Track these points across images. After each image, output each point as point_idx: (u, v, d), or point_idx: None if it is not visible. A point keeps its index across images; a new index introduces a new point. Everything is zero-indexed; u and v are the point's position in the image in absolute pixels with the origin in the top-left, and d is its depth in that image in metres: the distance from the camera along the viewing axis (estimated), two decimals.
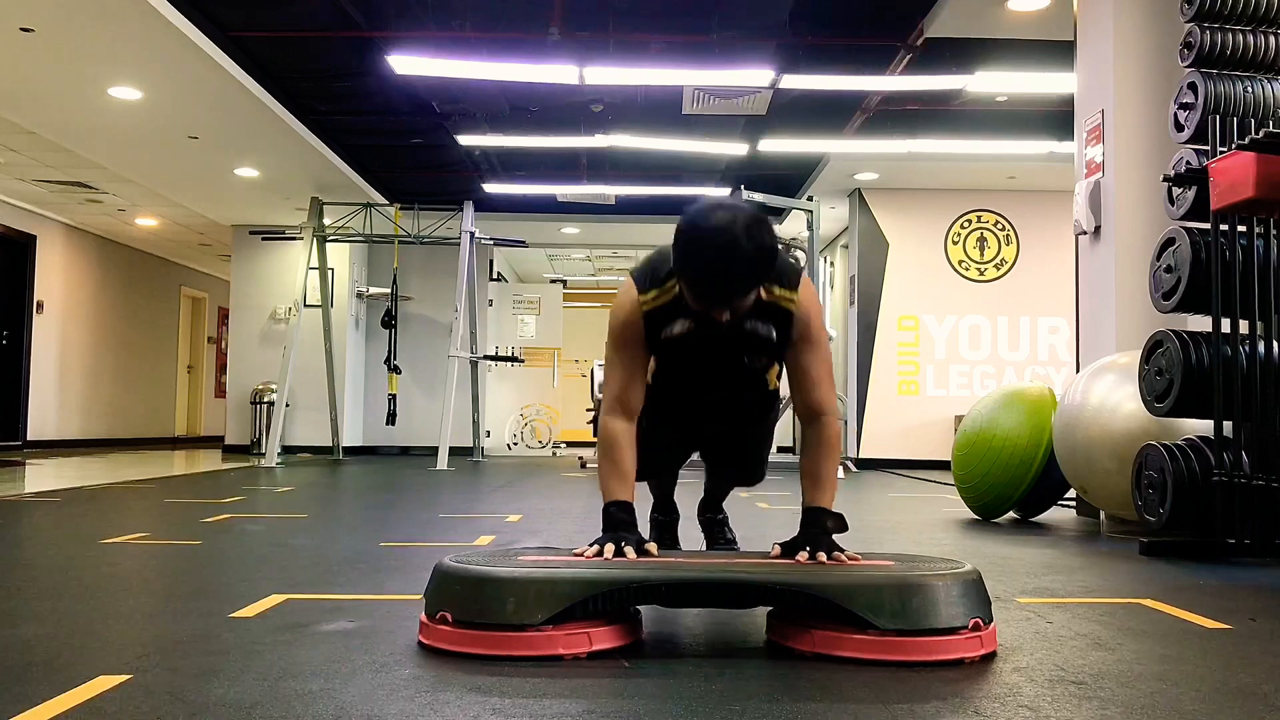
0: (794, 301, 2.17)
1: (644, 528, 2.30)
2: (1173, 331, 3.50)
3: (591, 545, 2.09)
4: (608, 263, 15.30)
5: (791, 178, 9.95)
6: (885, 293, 9.87)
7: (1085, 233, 4.94)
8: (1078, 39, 5.18)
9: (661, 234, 13.15)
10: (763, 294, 2.14)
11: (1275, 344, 3.37)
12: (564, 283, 15.41)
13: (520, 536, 3.81)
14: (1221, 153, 3.38)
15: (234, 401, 11.24)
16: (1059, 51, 6.00)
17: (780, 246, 2.16)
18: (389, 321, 10.63)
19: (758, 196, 8.86)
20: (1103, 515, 4.58)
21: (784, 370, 2.32)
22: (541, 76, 6.65)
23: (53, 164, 9.12)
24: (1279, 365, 3.36)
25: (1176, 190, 3.64)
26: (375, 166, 9.83)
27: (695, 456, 2.72)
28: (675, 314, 2.16)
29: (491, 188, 10.27)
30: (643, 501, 2.30)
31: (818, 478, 2.19)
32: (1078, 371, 4.80)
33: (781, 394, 2.46)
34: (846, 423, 9.97)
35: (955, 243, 9.92)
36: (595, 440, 2.54)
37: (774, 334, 2.19)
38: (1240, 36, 3.49)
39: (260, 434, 10.83)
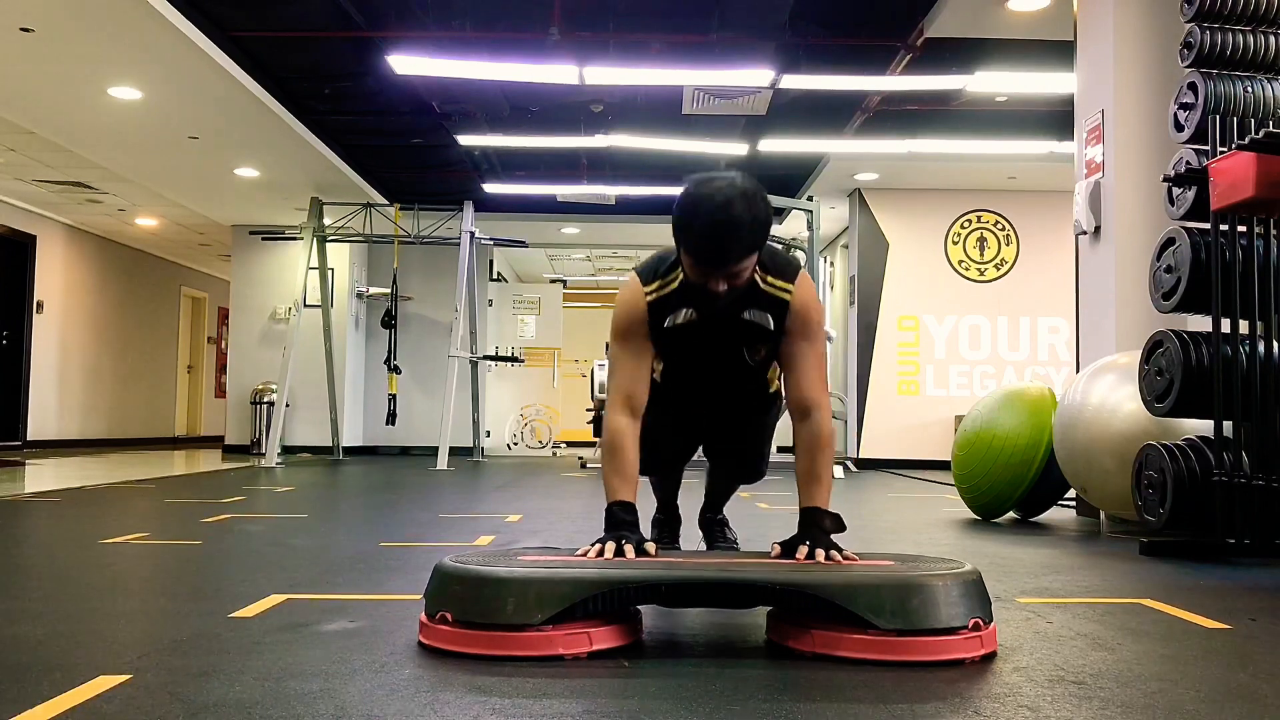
0: (790, 292, 2.22)
1: (646, 528, 2.30)
2: (1173, 331, 3.49)
3: (592, 545, 2.09)
4: (608, 263, 15.30)
5: (791, 178, 9.95)
6: (885, 293, 9.87)
7: (1085, 233, 4.94)
8: (1078, 39, 5.18)
9: (662, 234, 13.11)
10: (760, 284, 2.20)
11: (1275, 344, 3.37)
12: (564, 283, 15.40)
13: (520, 536, 3.81)
14: (1221, 153, 3.38)
15: (234, 401, 11.24)
16: (1059, 51, 6.00)
17: (781, 245, 2.19)
18: (389, 321, 10.63)
19: None
20: (1103, 515, 4.58)
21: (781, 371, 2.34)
22: (541, 76, 6.65)
23: (53, 164, 9.12)
24: (1279, 365, 3.36)
25: (1176, 190, 3.64)
26: (375, 166, 9.83)
27: (697, 455, 2.73)
28: (678, 305, 2.23)
29: (491, 188, 10.26)
30: (646, 502, 2.30)
31: (814, 477, 2.20)
32: (1078, 371, 4.80)
33: (781, 395, 2.47)
34: (846, 423, 9.97)
35: (955, 243, 9.92)
36: (595, 440, 2.55)
37: (770, 323, 2.23)
38: (1240, 36, 3.49)
39: (260, 434, 10.83)
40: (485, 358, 10.85)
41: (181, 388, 15.08)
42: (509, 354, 12.11)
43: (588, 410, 9.57)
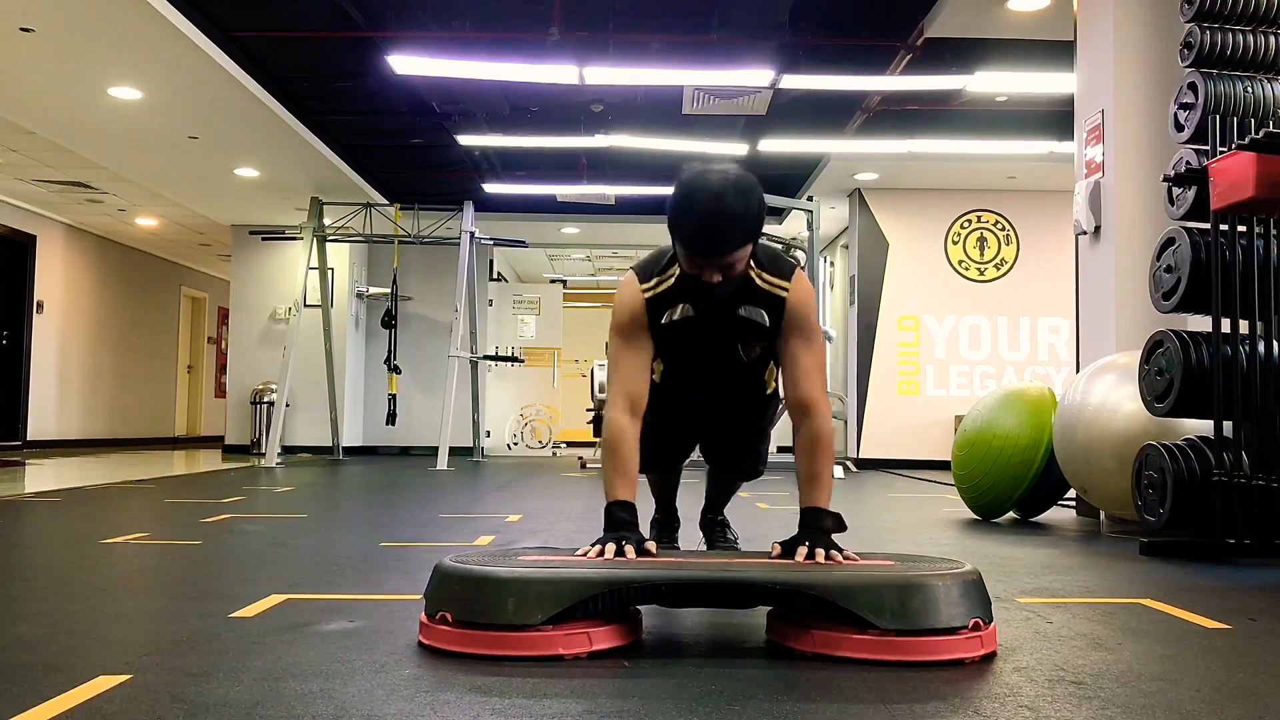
0: (786, 289, 2.25)
1: (645, 529, 2.30)
2: (1173, 331, 3.49)
3: (593, 545, 2.09)
4: (608, 263, 15.30)
5: (791, 178, 9.95)
6: (885, 293, 9.87)
7: (1085, 233, 4.94)
8: (1078, 39, 5.18)
9: (662, 234, 13.14)
10: (757, 281, 2.23)
11: (1275, 344, 3.37)
12: (564, 283, 15.41)
13: (520, 536, 3.81)
14: (1221, 153, 3.38)
15: (234, 401, 11.24)
16: (1059, 51, 6.00)
17: (781, 245, 2.22)
18: (389, 321, 10.64)
19: None
20: (1103, 515, 4.58)
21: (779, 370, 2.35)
22: (541, 76, 6.65)
23: (53, 164, 9.12)
24: (1279, 365, 3.36)
25: (1176, 190, 3.64)
26: (375, 166, 9.83)
27: (696, 455, 2.73)
28: (675, 300, 2.27)
29: (491, 188, 10.26)
30: (644, 503, 2.30)
31: (813, 478, 2.20)
32: (1078, 371, 4.80)
33: (779, 396, 2.48)
34: (846, 423, 9.97)
35: (955, 243, 9.92)
36: (595, 440, 2.56)
37: (766, 319, 2.25)
38: (1240, 36, 3.49)
39: (260, 434, 10.83)
40: (485, 358, 10.85)
41: (181, 388, 15.08)
42: (509, 354, 12.11)
43: (588, 410, 9.56)
